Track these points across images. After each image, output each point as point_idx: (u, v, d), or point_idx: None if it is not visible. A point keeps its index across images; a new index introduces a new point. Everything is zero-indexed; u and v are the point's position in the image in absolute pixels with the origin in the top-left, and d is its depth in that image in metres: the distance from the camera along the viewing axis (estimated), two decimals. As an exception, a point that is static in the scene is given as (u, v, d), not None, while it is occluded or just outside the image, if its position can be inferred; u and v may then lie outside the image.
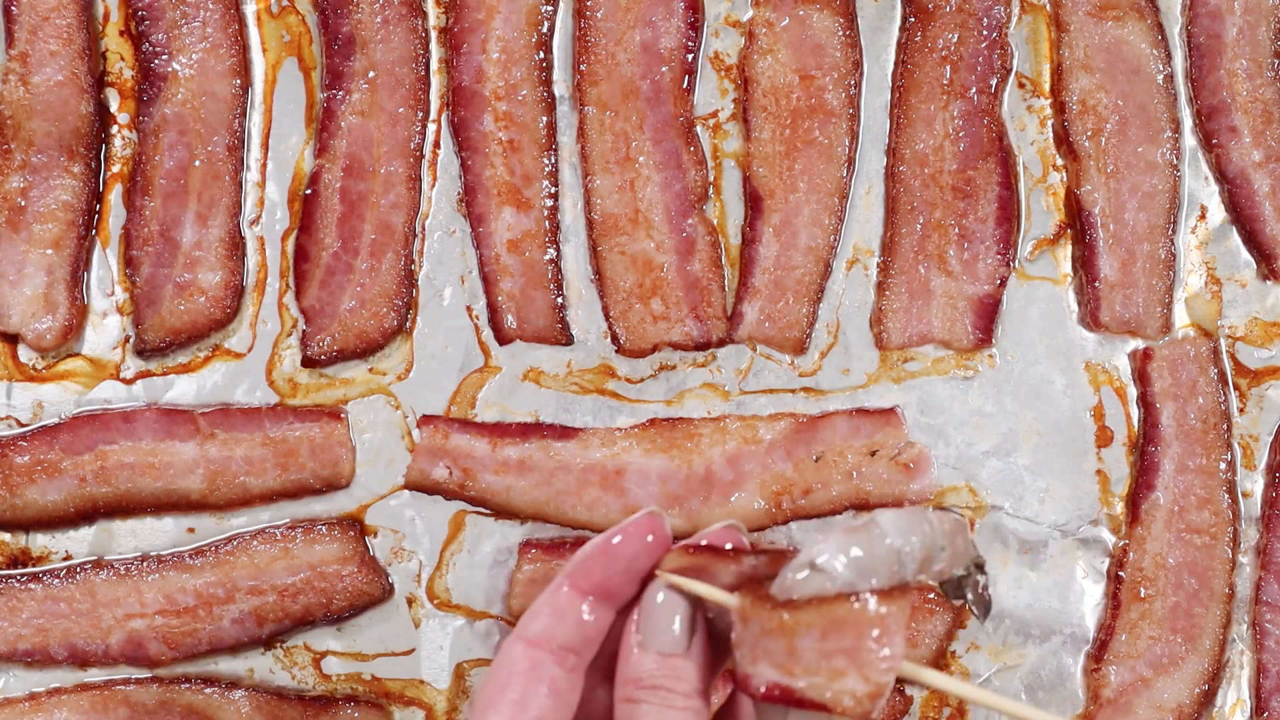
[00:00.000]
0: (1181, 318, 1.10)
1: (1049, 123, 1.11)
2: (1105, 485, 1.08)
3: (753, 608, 0.71)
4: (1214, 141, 1.10)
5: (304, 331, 1.08)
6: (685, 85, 1.10)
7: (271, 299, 1.09)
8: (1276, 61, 1.10)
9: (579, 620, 0.74)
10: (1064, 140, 1.10)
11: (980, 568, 0.77)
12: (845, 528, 0.73)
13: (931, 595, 1.06)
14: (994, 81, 1.10)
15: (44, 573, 1.05)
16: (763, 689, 0.70)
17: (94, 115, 1.09)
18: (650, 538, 0.75)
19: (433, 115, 1.11)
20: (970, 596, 0.77)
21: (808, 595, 0.70)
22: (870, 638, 0.68)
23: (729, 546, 0.77)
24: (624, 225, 1.09)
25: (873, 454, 1.07)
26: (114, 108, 1.10)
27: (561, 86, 1.11)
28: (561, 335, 1.09)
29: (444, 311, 1.09)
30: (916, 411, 1.08)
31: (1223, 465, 1.07)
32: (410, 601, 1.07)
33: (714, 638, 0.77)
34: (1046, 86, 1.11)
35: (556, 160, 1.10)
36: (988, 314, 1.09)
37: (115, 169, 1.10)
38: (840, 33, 1.10)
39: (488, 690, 0.74)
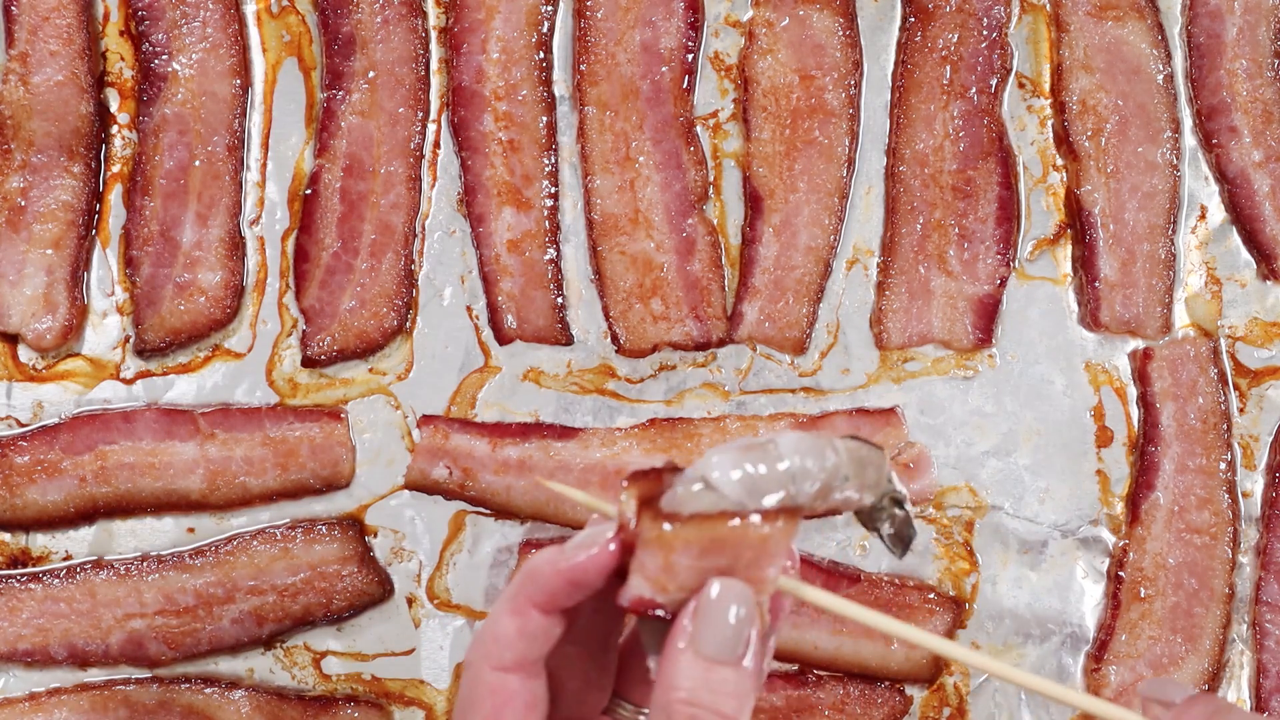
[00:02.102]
0: (1181, 318, 1.10)
1: (1049, 123, 1.11)
2: (1105, 485, 1.08)
3: (639, 522, 0.68)
4: (1214, 141, 1.10)
5: (304, 331, 1.08)
6: (685, 85, 1.10)
7: (271, 299, 1.09)
8: (1276, 61, 1.10)
9: (547, 636, 0.71)
10: (1064, 140, 1.10)
11: (898, 502, 0.73)
12: (742, 444, 0.69)
13: (932, 595, 1.06)
14: (994, 81, 1.10)
15: (44, 573, 1.05)
16: (628, 602, 0.67)
17: (94, 115, 1.09)
18: (606, 549, 0.70)
19: (433, 115, 1.11)
20: (883, 530, 0.74)
21: (692, 511, 0.67)
22: (747, 558, 0.67)
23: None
24: (624, 225, 1.09)
25: (873, 454, 1.07)
26: (114, 108, 1.10)
27: (561, 86, 1.11)
28: (561, 335, 1.09)
29: (444, 311, 1.09)
30: (916, 411, 1.08)
31: (1223, 465, 1.07)
32: (410, 601, 1.07)
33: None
34: (1046, 86, 1.11)
35: (556, 160, 1.10)
36: (988, 314, 1.09)
37: (115, 169, 1.10)
38: (840, 33, 1.10)
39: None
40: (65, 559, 1.07)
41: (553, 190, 1.10)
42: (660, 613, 0.68)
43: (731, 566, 0.67)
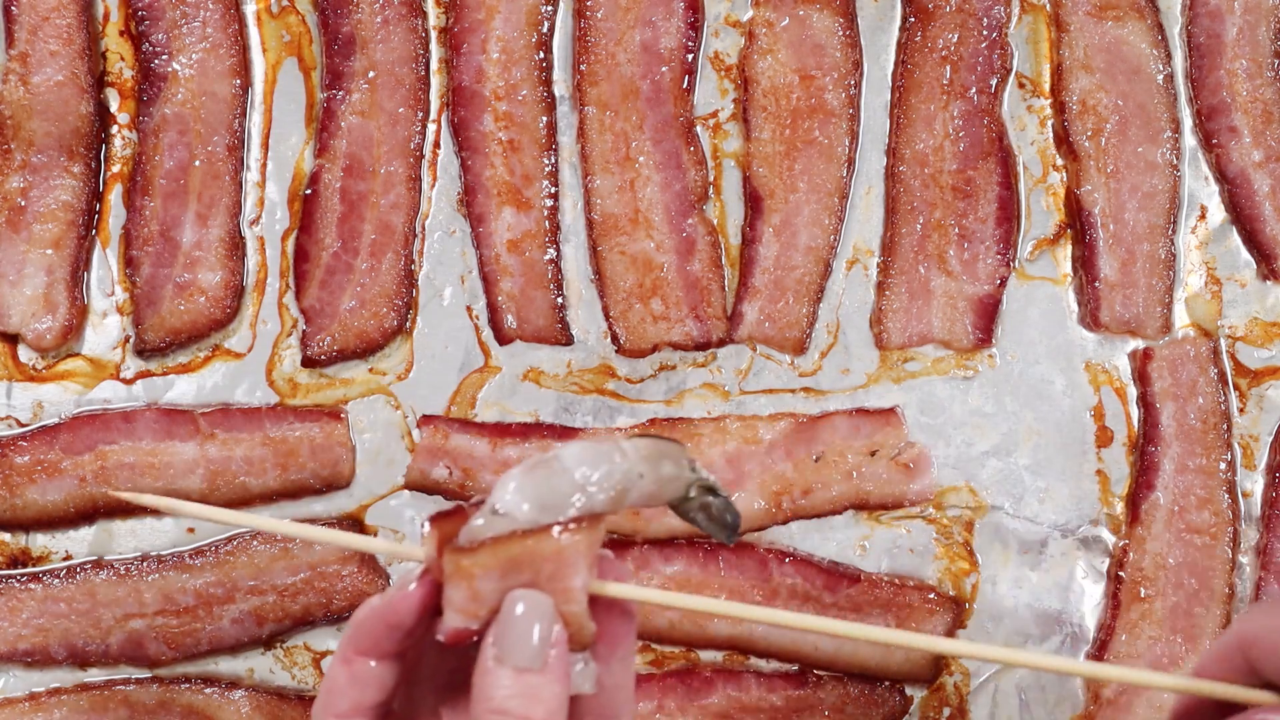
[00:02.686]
0: (1181, 318, 1.10)
1: (1049, 123, 1.11)
2: (1105, 485, 1.08)
3: (440, 558, 0.70)
4: (1214, 141, 1.10)
5: (304, 331, 1.08)
6: (685, 85, 1.10)
7: (271, 299, 1.09)
8: (1276, 61, 1.10)
9: (380, 683, 0.73)
10: (1064, 140, 1.10)
11: (710, 490, 0.74)
12: (526, 465, 0.71)
13: (932, 595, 1.06)
14: (994, 81, 1.10)
15: (44, 573, 1.05)
16: (445, 636, 0.70)
17: (94, 115, 1.09)
18: (416, 588, 0.72)
19: (433, 115, 1.11)
20: (701, 520, 0.75)
21: (486, 538, 0.69)
22: (548, 571, 0.69)
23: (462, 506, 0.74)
24: (624, 225, 1.09)
25: (873, 454, 1.07)
26: (114, 108, 1.11)
27: (561, 86, 1.11)
28: (561, 335, 1.09)
29: (444, 311, 1.09)
30: (916, 411, 1.08)
31: (1223, 465, 1.07)
32: (410, 601, 1.07)
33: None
34: (1046, 86, 1.11)
35: (556, 160, 1.10)
36: (988, 314, 1.09)
37: (115, 169, 1.10)
38: (840, 33, 1.10)
39: None
40: (65, 559, 1.07)
41: (553, 190, 1.10)
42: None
43: (534, 582, 0.69)
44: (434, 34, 1.11)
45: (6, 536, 1.07)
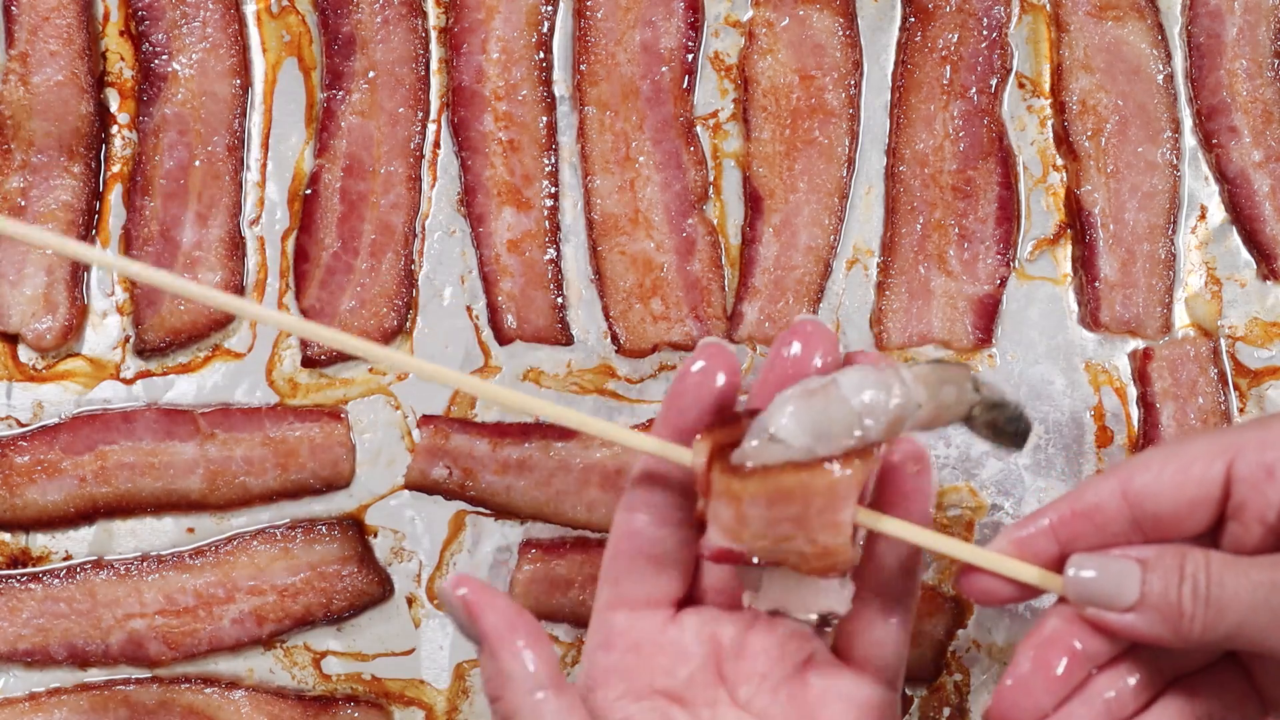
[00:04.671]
0: (1181, 318, 1.10)
1: (1049, 123, 1.11)
2: (1105, 485, 1.08)
3: (711, 474, 0.69)
4: (1214, 141, 1.10)
5: (304, 331, 1.08)
6: (685, 85, 1.10)
7: (271, 299, 1.09)
8: (1276, 61, 1.10)
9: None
10: (1064, 140, 1.10)
11: (995, 406, 0.72)
12: (804, 390, 0.69)
13: (932, 595, 1.06)
14: (994, 81, 1.10)
15: (44, 573, 1.05)
16: (709, 553, 0.69)
17: (94, 115, 1.09)
18: (721, 373, 0.72)
19: (433, 115, 1.11)
20: (989, 437, 0.73)
21: (758, 464, 0.68)
22: (819, 505, 0.67)
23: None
24: (624, 225, 1.09)
25: (873, 454, 1.07)
26: (114, 108, 1.11)
27: (561, 86, 1.11)
28: (561, 335, 1.09)
29: (444, 311, 1.09)
30: (916, 411, 1.08)
31: (1223, 465, 1.07)
32: (410, 601, 1.07)
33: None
34: (1046, 86, 1.11)
35: (556, 160, 1.10)
36: (988, 314, 1.09)
37: (115, 169, 1.10)
38: (840, 33, 1.10)
39: (615, 567, 0.75)
40: (65, 559, 1.07)
41: (553, 190, 1.10)
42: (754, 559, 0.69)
43: (804, 514, 0.67)
44: (434, 34, 1.11)
45: (6, 536, 1.07)
